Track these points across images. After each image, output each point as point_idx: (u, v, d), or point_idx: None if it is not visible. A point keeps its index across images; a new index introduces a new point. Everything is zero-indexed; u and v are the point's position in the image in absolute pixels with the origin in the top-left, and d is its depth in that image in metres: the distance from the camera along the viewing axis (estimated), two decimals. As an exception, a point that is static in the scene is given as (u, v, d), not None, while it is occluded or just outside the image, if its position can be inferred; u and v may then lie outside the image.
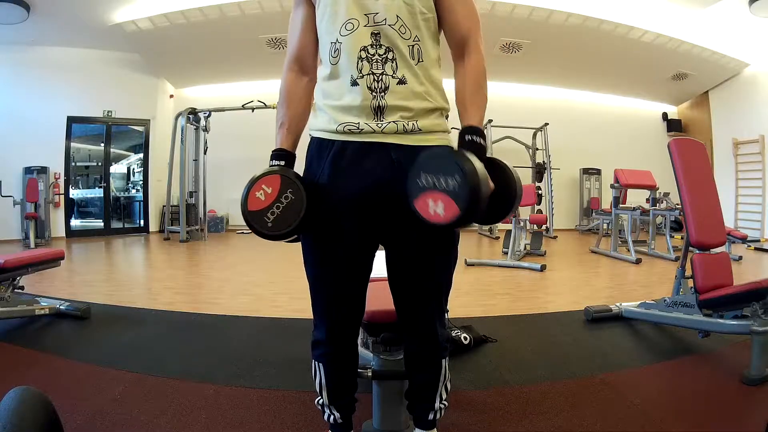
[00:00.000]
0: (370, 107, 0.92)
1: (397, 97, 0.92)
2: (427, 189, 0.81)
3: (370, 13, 0.91)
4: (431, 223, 0.81)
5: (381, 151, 0.93)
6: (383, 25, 0.91)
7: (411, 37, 0.93)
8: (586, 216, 8.50)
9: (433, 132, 0.96)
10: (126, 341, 2.20)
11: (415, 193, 0.83)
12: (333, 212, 0.96)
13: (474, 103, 0.95)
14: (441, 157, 0.82)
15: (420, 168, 0.82)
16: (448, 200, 0.78)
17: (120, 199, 7.79)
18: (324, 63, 0.98)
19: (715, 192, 2.23)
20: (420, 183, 0.81)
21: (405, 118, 0.93)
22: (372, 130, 0.92)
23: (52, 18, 5.66)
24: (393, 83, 0.92)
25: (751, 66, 7.25)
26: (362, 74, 0.92)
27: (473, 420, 1.46)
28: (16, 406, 0.80)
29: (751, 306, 1.77)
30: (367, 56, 0.92)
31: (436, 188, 0.79)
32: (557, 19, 5.95)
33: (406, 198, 0.85)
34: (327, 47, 0.96)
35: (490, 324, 2.44)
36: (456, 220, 0.78)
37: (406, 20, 0.92)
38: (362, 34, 0.92)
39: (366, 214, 0.96)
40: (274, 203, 0.89)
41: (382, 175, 0.93)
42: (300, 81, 1.03)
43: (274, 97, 1.13)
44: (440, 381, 1.12)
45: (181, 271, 4.47)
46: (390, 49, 0.92)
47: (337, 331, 1.06)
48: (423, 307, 1.05)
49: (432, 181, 0.80)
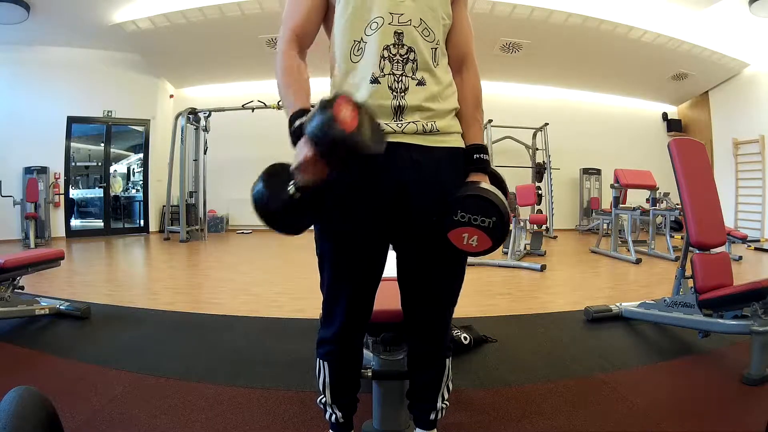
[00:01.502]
0: (390, 107, 0.92)
1: (417, 98, 0.93)
2: (463, 225, 0.90)
3: (396, 13, 0.92)
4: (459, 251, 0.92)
5: (401, 151, 0.93)
6: (408, 25, 0.92)
7: (433, 40, 0.95)
8: (586, 216, 8.51)
9: (450, 133, 0.98)
10: (126, 341, 2.20)
11: (450, 226, 0.91)
12: (354, 211, 0.95)
13: (476, 120, 1.02)
14: (480, 198, 0.91)
15: (458, 205, 0.90)
16: (484, 236, 0.90)
17: (120, 199, 7.79)
18: (341, 61, 0.96)
19: (715, 192, 2.23)
20: (455, 218, 0.90)
21: (424, 119, 0.94)
22: (392, 131, 0.92)
23: (52, 18, 5.66)
24: (412, 84, 0.93)
25: (751, 66, 7.25)
26: (384, 73, 0.92)
27: (473, 420, 1.46)
28: (16, 406, 0.80)
29: (751, 306, 1.77)
30: (389, 56, 0.92)
31: (471, 224, 0.90)
32: (557, 19, 5.95)
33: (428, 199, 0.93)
34: (347, 45, 0.94)
35: (490, 324, 2.44)
36: (486, 251, 0.92)
37: (430, 23, 0.94)
38: (386, 33, 0.92)
39: (384, 214, 0.96)
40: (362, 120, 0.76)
41: (403, 176, 0.93)
42: (300, 59, 0.97)
43: (274, 97, 1.12)
44: (443, 380, 1.12)
45: (181, 271, 4.47)
46: (411, 50, 0.93)
47: (347, 330, 1.06)
48: (433, 309, 1.06)
49: (468, 218, 0.90)
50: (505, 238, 0.92)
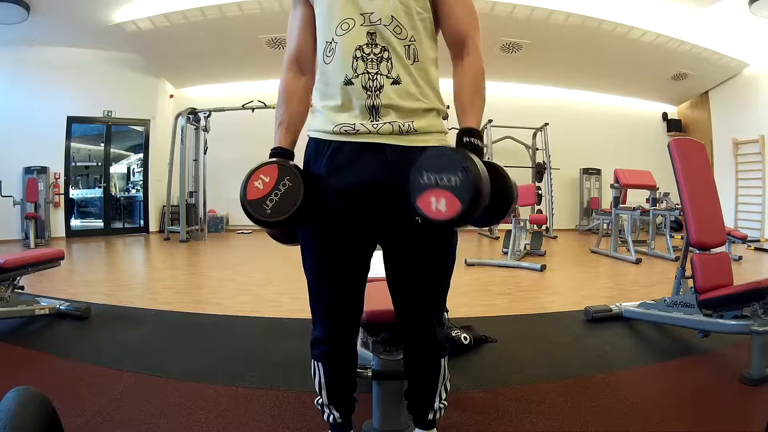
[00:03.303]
0: (364, 106, 0.92)
1: (391, 97, 0.92)
2: (429, 187, 0.81)
3: (366, 13, 0.91)
4: (433, 221, 0.82)
5: (376, 152, 0.93)
6: (378, 24, 0.91)
7: (407, 36, 0.93)
8: (586, 216, 8.51)
9: (429, 133, 0.96)
10: (126, 341, 2.20)
11: (417, 192, 0.83)
12: (330, 212, 0.96)
13: (472, 104, 0.95)
14: (443, 155, 0.83)
15: (422, 167, 0.83)
16: (451, 197, 0.79)
17: (120, 199, 7.79)
18: (319, 63, 0.98)
19: (715, 192, 2.23)
20: (422, 181, 0.82)
21: (400, 119, 0.93)
22: (367, 131, 0.92)
23: (52, 18, 5.66)
24: (387, 83, 0.92)
25: (751, 66, 7.25)
26: (357, 74, 0.92)
27: (473, 420, 1.46)
28: (16, 406, 0.80)
29: (751, 306, 1.77)
30: (363, 55, 0.92)
31: (438, 186, 0.80)
32: (557, 19, 5.95)
33: (406, 197, 0.85)
34: (321, 47, 0.96)
35: (490, 324, 2.44)
36: (458, 217, 0.79)
37: (402, 20, 0.92)
38: (358, 34, 0.92)
39: (362, 214, 0.96)
40: (273, 191, 0.90)
41: (378, 176, 0.93)
42: (299, 81, 1.03)
43: (273, 97, 1.13)
44: (440, 380, 1.12)
45: (181, 271, 4.47)
46: (385, 49, 0.92)
47: (336, 330, 1.06)
48: (421, 306, 1.05)
49: (434, 179, 0.81)
50: (478, 202, 0.79)
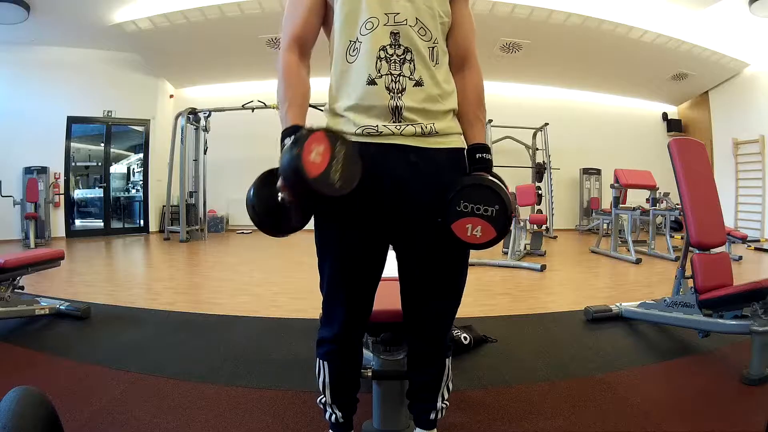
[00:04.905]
0: (387, 107, 0.92)
1: (414, 99, 0.93)
2: (465, 215, 0.90)
3: (391, 13, 0.91)
4: (465, 243, 0.91)
5: (400, 153, 0.94)
6: (404, 25, 0.92)
7: (431, 39, 0.94)
8: (586, 216, 8.50)
9: (449, 134, 0.98)
10: (126, 341, 2.20)
11: (453, 218, 0.90)
12: (349, 214, 0.95)
13: (478, 119, 1.01)
14: (480, 186, 0.92)
15: (460, 196, 0.90)
16: (487, 225, 0.90)
17: (120, 199, 7.79)
18: (338, 62, 0.96)
19: (715, 192, 2.23)
20: (458, 209, 0.90)
21: (422, 121, 0.94)
22: (390, 132, 0.93)
23: (52, 18, 5.66)
24: (410, 85, 0.92)
25: (751, 66, 7.25)
26: (380, 74, 0.92)
27: (473, 420, 1.46)
28: (16, 406, 0.80)
29: (751, 306, 1.77)
30: (386, 56, 0.92)
31: (474, 214, 0.90)
32: (557, 19, 5.95)
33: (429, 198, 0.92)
34: (343, 46, 0.95)
35: (490, 324, 2.44)
36: (491, 242, 0.91)
37: (426, 22, 0.93)
38: (382, 34, 0.92)
39: (383, 214, 0.96)
40: (332, 159, 0.79)
41: (401, 176, 0.94)
42: (301, 62, 0.98)
43: (273, 97, 1.13)
44: (443, 380, 1.12)
45: (181, 271, 4.47)
46: (409, 50, 0.92)
47: (348, 329, 1.06)
48: (438, 308, 1.05)
49: (471, 208, 0.90)
50: (509, 228, 0.92)
